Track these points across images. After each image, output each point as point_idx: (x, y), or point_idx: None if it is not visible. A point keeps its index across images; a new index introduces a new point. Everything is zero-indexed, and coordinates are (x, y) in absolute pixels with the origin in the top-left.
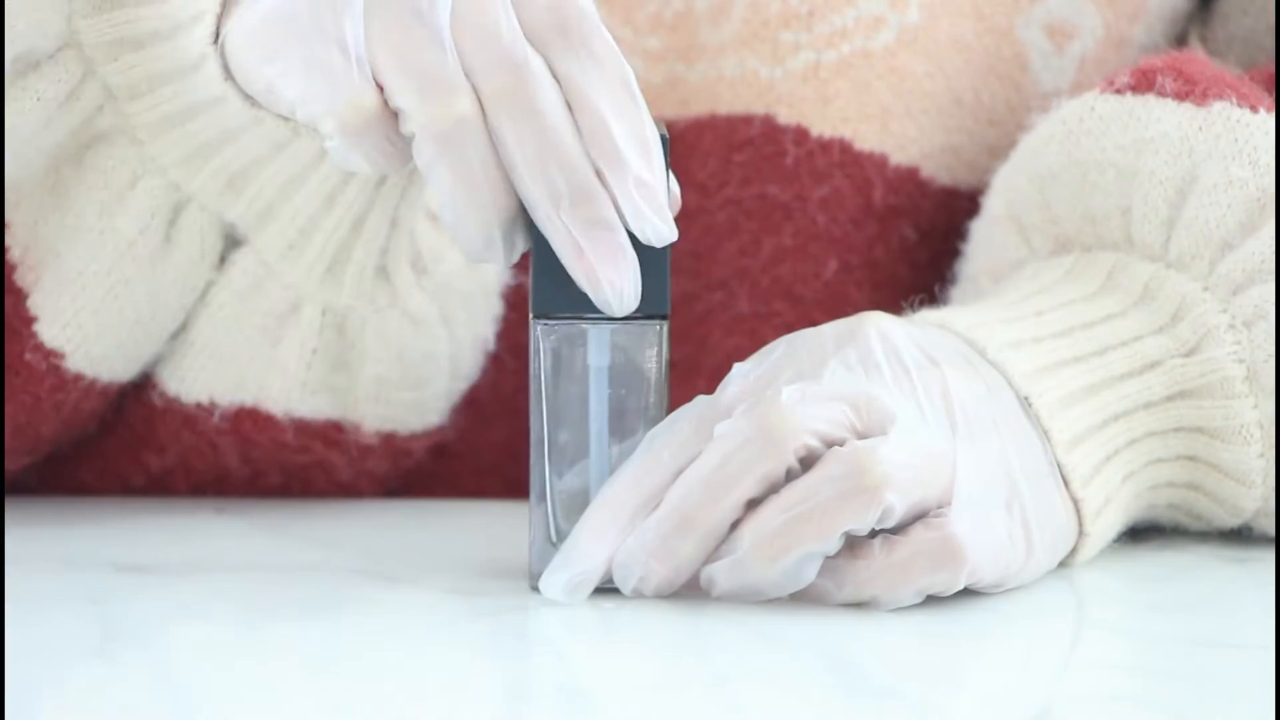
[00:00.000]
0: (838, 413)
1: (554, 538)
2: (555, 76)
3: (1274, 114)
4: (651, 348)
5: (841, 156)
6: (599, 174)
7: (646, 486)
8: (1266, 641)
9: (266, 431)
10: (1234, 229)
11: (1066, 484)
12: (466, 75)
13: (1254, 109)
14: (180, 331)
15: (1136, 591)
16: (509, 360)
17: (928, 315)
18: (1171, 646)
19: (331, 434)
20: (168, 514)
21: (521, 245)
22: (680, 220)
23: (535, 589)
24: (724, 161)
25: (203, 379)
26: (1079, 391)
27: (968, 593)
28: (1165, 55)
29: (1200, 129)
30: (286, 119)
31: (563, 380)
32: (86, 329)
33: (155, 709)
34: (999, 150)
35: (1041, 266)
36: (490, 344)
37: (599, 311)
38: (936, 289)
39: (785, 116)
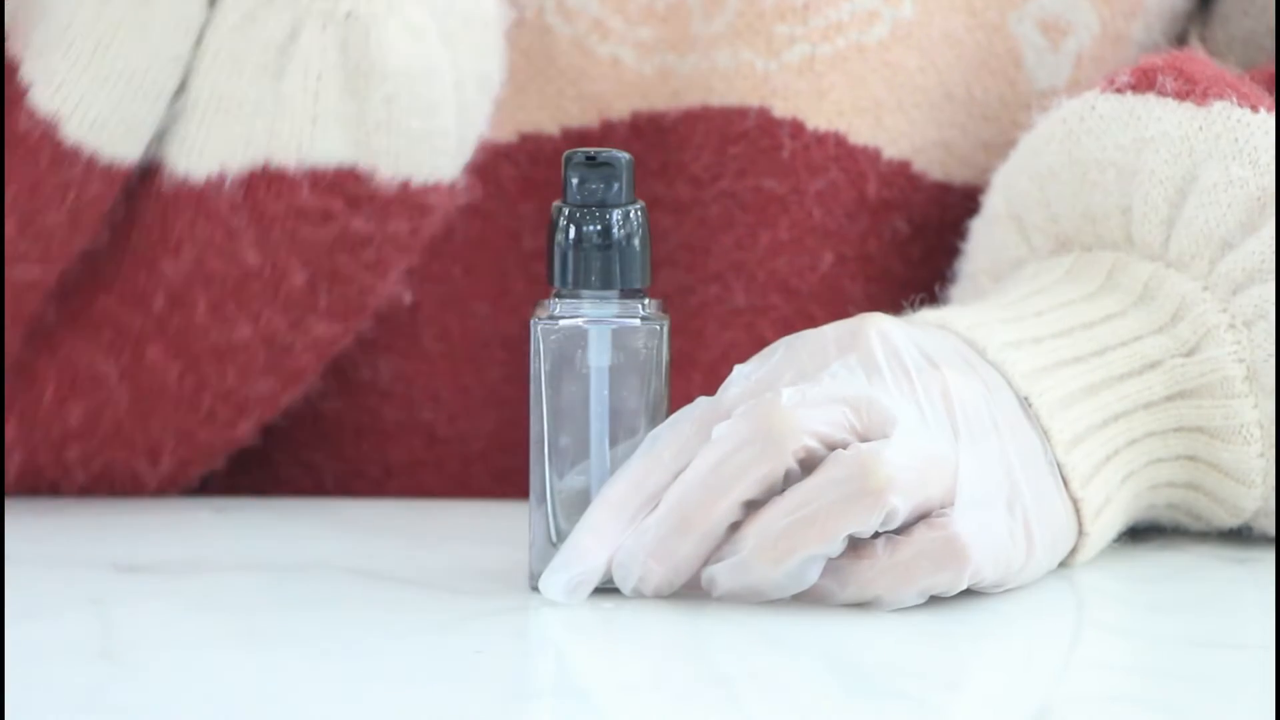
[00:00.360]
0: (838, 414)
1: (554, 538)
2: None
3: (1274, 114)
4: (652, 348)
5: (837, 150)
6: None
7: (647, 487)
8: (1266, 642)
9: (282, 198)
10: (1234, 228)
11: (1066, 484)
12: None
13: (1254, 109)
14: (180, 93)
15: (1136, 591)
16: (498, 351)
17: (928, 315)
18: (1171, 647)
19: (348, 186)
20: (168, 514)
21: None
22: (675, 213)
23: (535, 589)
24: (718, 154)
25: (211, 143)
26: (1079, 392)
27: (968, 593)
28: (1166, 54)
29: (1200, 128)
30: None
31: (563, 380)
32: (81, 86)
33: (155, 709)
34: (993, 146)
35: (1041, 266)
36: (497, 88)
37: None
38: (937, 287)
39: (781, 109)
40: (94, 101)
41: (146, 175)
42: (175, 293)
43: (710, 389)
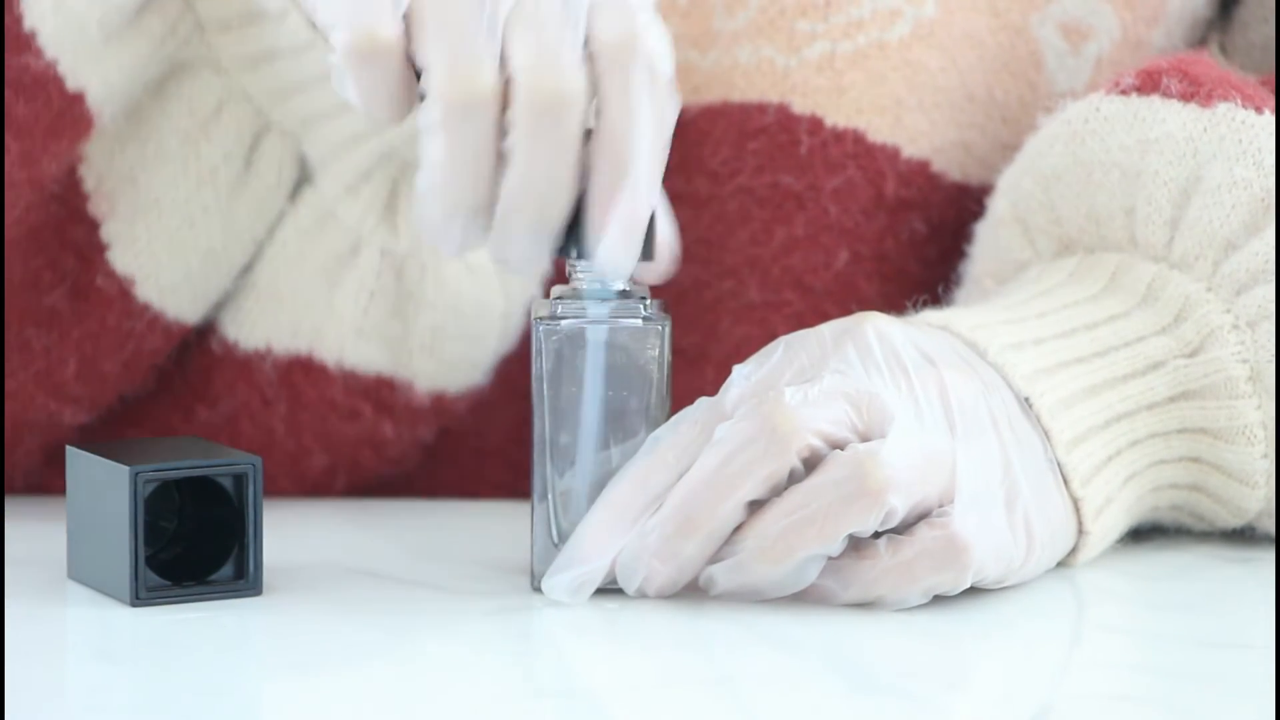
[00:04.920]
0: (840, 413)
1: (556, 538)
2: (596, 90)
3: (1277, 115)
4: (653, 348)
5: (855, 147)
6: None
7: (650, 488)
8: (1268, 641)
9: (317, 386)
10: (1238, 229)
11: (1067, 483)
12: (504, 61)
13: (1259, 110)
14: (245, 272)
15: (1137, 591)
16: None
17: (930, 316)
18: (1173, 646)
19: (383, 393)
20: None
21: (474, 242)
22: (691, 207)
23: (537, 589)
24: (737, 149)
25: (262, 323)
26: (1080, 392)
27: (969, 591)
28: (1171, 56)
29: (1205, 130)
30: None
31: (564, 380)
32: (159, 257)
33: (155, 709)
34: (1012, 148)
35: (1045, 268)
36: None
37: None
38: (940, 288)
39: (800, 106)
40: (171, 270)
41: (201, 333)
42: (202, 432)
43: (722, 383)
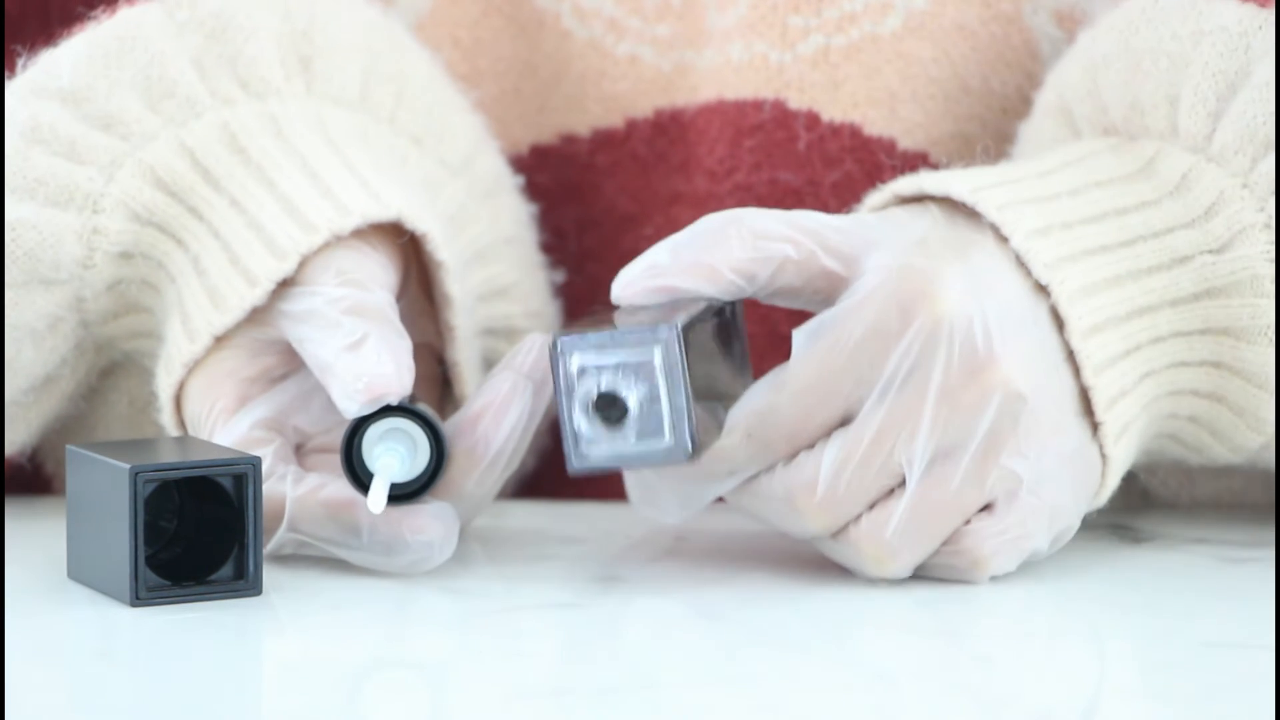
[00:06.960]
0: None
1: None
2: None
3: None
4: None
5: (852, 141)
6: None
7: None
8: (1266, 641)
9: None
10: None
11: (1079, 372)
12: None
13: None
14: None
15: (1135, 591)
16: None
17: (962, 179)
18: (1172, 646)
19: None
20: None
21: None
22: (690, 206)
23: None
24: (733, 147)
25: None
26: (1102, 282)
27: (970, 591)
28: None
29: (1260, 27)
30: None
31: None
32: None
33: (155, 709)
34: (1013, 138)
35: (1085, 143)
36: None
37: None
38: None
39: (796, 101)
40: None
41: None
42: None
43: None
